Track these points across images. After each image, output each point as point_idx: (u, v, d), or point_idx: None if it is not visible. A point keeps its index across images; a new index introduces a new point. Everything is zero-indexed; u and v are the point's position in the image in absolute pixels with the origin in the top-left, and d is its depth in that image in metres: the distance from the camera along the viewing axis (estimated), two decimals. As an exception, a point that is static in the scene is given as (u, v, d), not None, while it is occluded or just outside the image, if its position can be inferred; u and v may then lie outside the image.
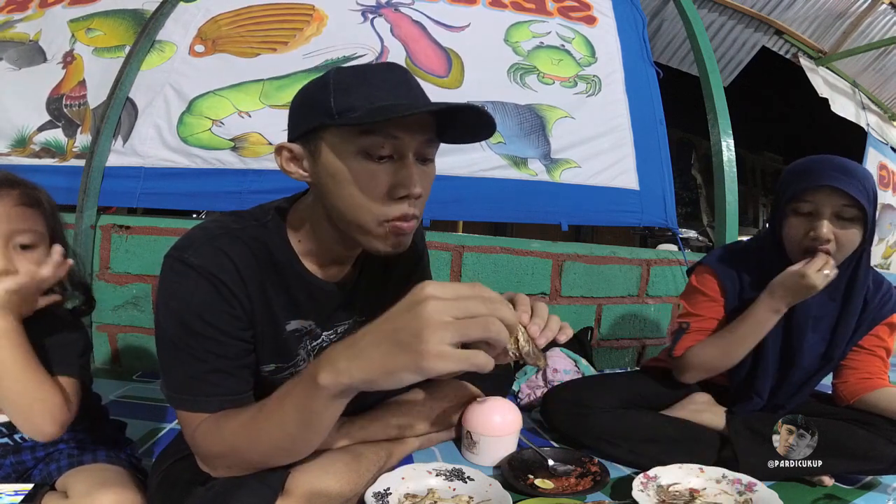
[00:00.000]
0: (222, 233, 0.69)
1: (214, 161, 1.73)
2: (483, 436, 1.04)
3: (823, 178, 0.94)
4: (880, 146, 3.76)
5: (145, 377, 1.49)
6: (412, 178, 0.64)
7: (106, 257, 1.58)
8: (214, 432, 0.63)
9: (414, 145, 0.65)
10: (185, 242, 0.68)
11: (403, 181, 0.64)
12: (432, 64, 2.00)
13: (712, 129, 2.05)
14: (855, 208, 0.95)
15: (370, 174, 0.64)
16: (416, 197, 0.65)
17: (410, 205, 0.65)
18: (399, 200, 0.65)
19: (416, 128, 0.64)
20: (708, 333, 1.10)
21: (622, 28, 2.29)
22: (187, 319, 0.64)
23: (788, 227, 1.01)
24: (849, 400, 1.07)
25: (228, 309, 0.67)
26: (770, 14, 3.24)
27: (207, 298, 0.65)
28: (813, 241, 0.97)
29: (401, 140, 0.63)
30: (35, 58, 1.89)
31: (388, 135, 0.63)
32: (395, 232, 0.66)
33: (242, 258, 0.68)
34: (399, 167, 0.64)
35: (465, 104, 0.62)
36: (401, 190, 0.64)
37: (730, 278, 1.10)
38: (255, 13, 1.98)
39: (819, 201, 0.96)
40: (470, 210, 1.87)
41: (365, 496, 0.81)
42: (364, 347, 0.50)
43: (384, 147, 0.63)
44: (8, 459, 0.76)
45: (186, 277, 0.65)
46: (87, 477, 0.71)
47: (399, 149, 0.64)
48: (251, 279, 0.69)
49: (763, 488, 0.90)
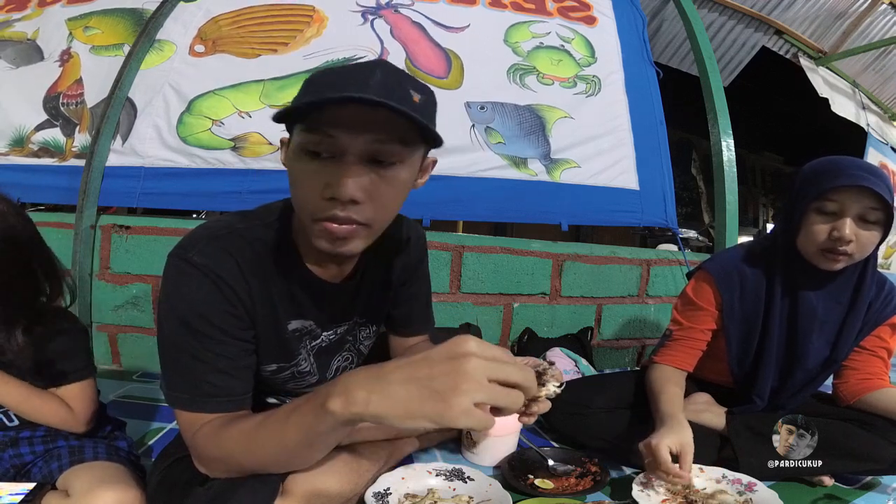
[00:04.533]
0: (226, 232, 0.69)
1: (214, 161, 1.73)
2: (483, 436, 1.04)
3: (853, 178, 0.92)
4: (880, 146, 3.77)
5: (145, 377, 1.49)
6: (340, 179, 0.59)
7: (106, 257, 1.58)
8: (213, 437, 0.63)
9: (356, 146, 0.60)
10: (188, 241, 0.67)
11: (331, 181, 0.60)
12: (432, 65, 2.00)
13: (712, 129, 2.05)
14: (880, 211, 0.93)
15: (306, 172, 0.62)
16: (347, 201, 0.60)
17: (343, 209, 0.61)
18: (329, 201, 0.61)
19: (355, 125, 0.59)
20: (689, 344, 1.10)
21: (622, 28, 2.29)
22: (189, 318, 0.64)
23: (808, 227, 0.97)
24: (849, 400, 1.07)
25: (230, 309, 0.66)
26: (770, 14, 3.24)
27: (209, 298, 0.65)
28: (835, 241, 0.94)
29: (336, 139, 0.59)
30: (32, 56, 1.89)
31: (323, 133, 0.60)
32: (326, 232, 0.63)
33: (246, 258, 0.68)
34: (335, 167, 0.61)
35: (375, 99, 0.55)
36: (327, 190, 0.61)
37: (729, 289, 1.07)
38: (256, 14, 1.98)
39: (845, 201, 0.93)
40: (470, 210, 1.87)
41: (365, 496, 0.81)
42: (390, 383, 0.49)
43: (320, 144, 0.60)
44: (6, 453, 0.76)
45: (189, 276, 0.65)
46: (88, 474, 0.72)
47: (335, 148, 0.60)
48: (254, 279, 0.69)
49: (763, 488, 0.90)
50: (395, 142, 0.61)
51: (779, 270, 1.04)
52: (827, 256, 0.96)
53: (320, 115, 0.59)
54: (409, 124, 0.59)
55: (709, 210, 6.75)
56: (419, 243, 0.90)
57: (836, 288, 1.02)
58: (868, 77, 3.79)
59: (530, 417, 0.67)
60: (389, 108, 0.55)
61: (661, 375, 1.08)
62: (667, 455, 0.85)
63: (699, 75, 2.19)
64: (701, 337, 1.10)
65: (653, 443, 0.87)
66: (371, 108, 0.56)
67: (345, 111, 0.58)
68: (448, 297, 1.72)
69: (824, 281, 1.02)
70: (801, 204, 0.98)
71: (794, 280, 1.03)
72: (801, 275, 1.02)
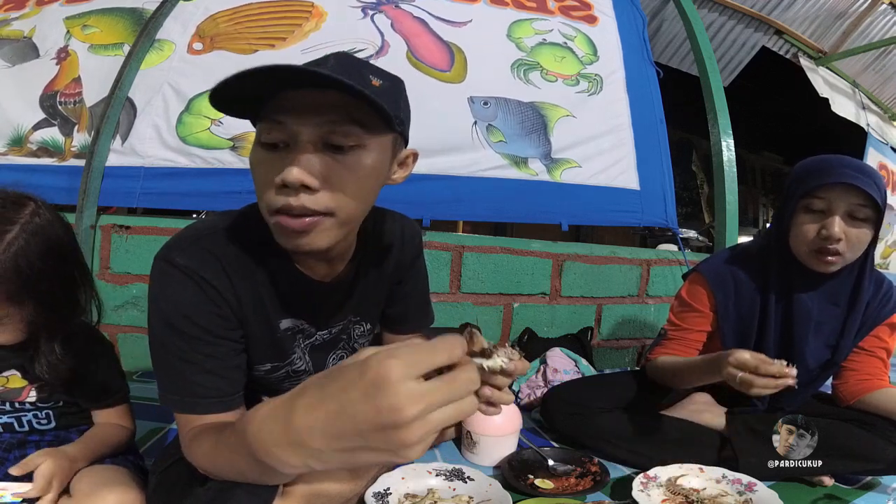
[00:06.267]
0: (210, 232, 0.68)
1: (214, 161, 1.73)
2: (483, 436, 1.04)
3: (840, 176, 0.92)
4: (880, 146, 3.76)
5: (145, 377, 1.49)
6: (290, 164, 0.56)
7: (106, 257, 1.58)
8: (195, 447, 0.64)
9: (306, 130, 0.57)
10: (172, 243, 0.67)
11: (282, 168, 0.57)
12: (434, 58, 1.99)
13: (712, 129, 2.05)
14: (868, 208, 0.93)
15: (260, 162, 0.60)
16: (297, 186, 0.57)
17: (296, 198, 0.57)
18: (282, 191, 0.58)
19: (304, 110, 0.57)
20: (685, 343, 1.10)
21: (623, 28, 2.29)
22: (174, 320, 0.64)
23: (798, 225, 0.98)
24: (849, 400, 1.07)
25: (215, 309, 0.66)
26: (770, 14, 3.24)
27: (194, 299, 0.64)
28: (824, 240, 0.94)
29: (284, 125, 0.57)
30: (28, 54, 1.88)
31: (273, 120, 0.58)
32: (281, 227, 0.60)
33: (230, 257, 0.67)
34: (288, 155, 0.58)
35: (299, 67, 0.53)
36: (278, 177, 0.57)
37: (723, 290, 1.07)
38: (254, 10, 1.98)
39: (833, 198, 0.93)
40: (470, 210, 1.86)
41: (365, 496, 0.81)
42: (317, 449, 0.42)
43: (271, 133, 0.58)
44: (12, 454, 0.76)
45: (172, 278, 0.64)
46: (91, 476, 0.72)
47: (286, 134, 0.58)
48: (240, 278, 0.67)
49: (763, 488, 0.90)
50: (350, 123, 0.58)
51: (774, 272, 1.04)
52: (819, 259, 0.96)
53: (270, 104, 0.58)
54: (366, 107, 0.56)
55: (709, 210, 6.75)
56: (414, 241, 0.89)
57: (832, 290, 1.02)
58: (868, 77, 3.79)
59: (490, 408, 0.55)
60: (329, 79, 0.52)
61: (664, 360, 1.09)
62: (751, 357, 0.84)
63: (699, 75, 2.20)
64: (696, 338, 1.10)
65: (730, 359, 0.85)
66: (321, 91, 0.55)
67: (293, 95, 0.57)
68: (448, 297, 1.72)
69: (819, 282, 1.01)
70: (791, 203, 0.98)
71: (789, 281, 1.03)
72: (796, 276, 1.02)
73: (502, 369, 0.51)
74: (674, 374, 1.06)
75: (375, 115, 0.58)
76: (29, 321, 0.71)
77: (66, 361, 0.74)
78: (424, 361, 0.39)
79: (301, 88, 0.57)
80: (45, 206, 0.73)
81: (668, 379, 1.08)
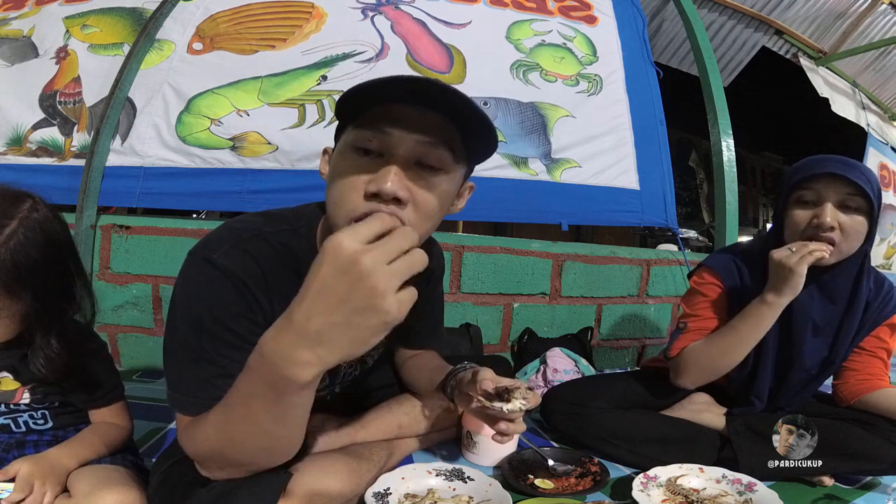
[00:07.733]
0: (251, 235, 0.67)
1: (214, 161, 1.73)
2: (483, 436, 1.04)
3: (828, 167, 0.94)
4: (880, 146, 3.76)
5: (145, 377, 1.49)
6: (388, 174, 0.59)
7: (106, 257, 1.57)
8: (197, 435, 0.62)
9: (406, 144, 0.60)
10: (212, 241, 0.66)
11: (377, 176, 0.59)
12: (433, 60, 2.00)
13: (712, 129, 2.05)
14: (860, 197, 0.93)
15: (352, 166, 0.61)
16: (391, 197, 0.59)
17: (387, 209, 0.59)
18: (372, 199, 0.60)
19: (410, 125, 0.59)
20: (706, 333, 1.08)
21: (622, 28, 2.29)
22: (205, 321, 0.63)
23: (791, 218, 0.99)
24: (849, 400, 1.07)
25: (249, 314, 0.65)
26: (770, 14, 3.24)
27: (230, 301, 0.64)
28: (816, 228, 0.94)
29: (389, 135, 0.60)
30: (27, 53, 1.88)
31: (377, 129, 0.60)
32: None
33: (269, 263, 0.66)
34: (382, 163, 0.60)
35: (446, 86, 0.56)
36: (371, 184, 0.59)
37: (732, 280, 1.08)
38: (255, 11, 1.98)
39: (822, 189, 0.95)
40: (470, 210, 1.85)
41: (365, 496, 0.81)
42: (319, 331, 0.46)
43: (371, 141, 0.60)
44: (11, 454, 0.76)
45: (211, 278, 0.63)
46: (90, 476, 0.71)
47: (386, 145, 0.60)
48: (276, 285, 0.67)
49: (763, 488, 0.90)
50: (445, 147, 0.61)
51: None
52: None
53: (376, 112, 0.60)
54: (458, 136, 0.61)
55: (709, 210, 6.75)
56: (439, 264, 0.90)
57: (831, 288, 1.02)
58: (868, 77, 3.79)
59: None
60: (464, 102, 0.58)
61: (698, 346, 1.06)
62: None
63: (699, 75, 2.20)
64: (715, 324, 1.08)
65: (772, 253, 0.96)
66: (421, 110, 0.59)
67: (401, 109, 0.59)
68: (448, 297, 1.71)
69: (818, 281, 1.01)
70: (783, 199, 1.00)
71: None
72: None
73: None
74: (721, 351, 1.03)
75: (462, 146, 0.62)
76: (23, 316, 0.70)
77: (62, 356, 0.73)
78: (364, 229, 0.46)
79: (417, 105, 0.61)
80: (42, 203, 0.73)
81: (715, 358, 1.03)
